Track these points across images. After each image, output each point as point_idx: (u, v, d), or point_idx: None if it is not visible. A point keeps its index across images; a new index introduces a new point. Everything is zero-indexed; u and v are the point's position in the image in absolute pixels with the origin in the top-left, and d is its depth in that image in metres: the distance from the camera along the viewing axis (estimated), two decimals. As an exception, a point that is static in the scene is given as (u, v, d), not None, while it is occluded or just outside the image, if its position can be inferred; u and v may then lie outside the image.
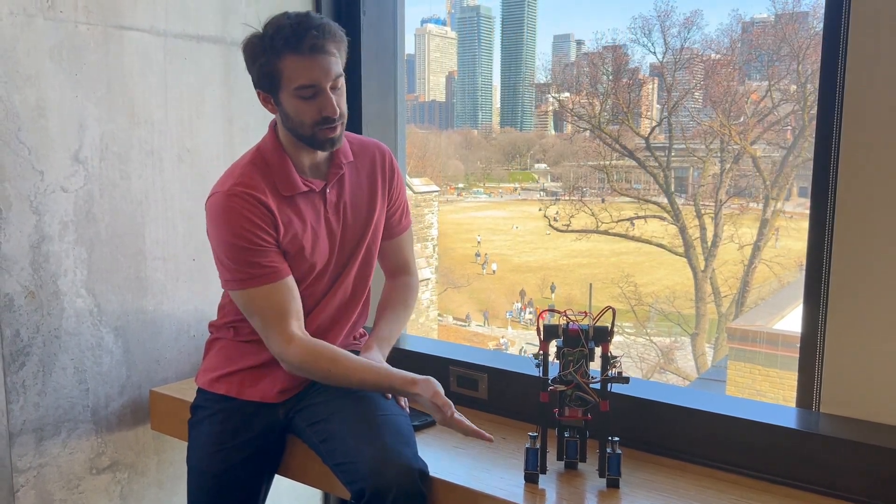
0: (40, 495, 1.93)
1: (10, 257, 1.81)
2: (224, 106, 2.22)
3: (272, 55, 1.57)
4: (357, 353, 1.78)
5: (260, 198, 1.61)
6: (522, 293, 21.26)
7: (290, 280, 1.65)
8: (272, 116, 1.75)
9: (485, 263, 23.64)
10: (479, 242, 25.06)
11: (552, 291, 21.35)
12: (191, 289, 2.18)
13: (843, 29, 1.56)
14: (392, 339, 1.86)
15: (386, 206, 1.84)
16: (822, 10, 1.62)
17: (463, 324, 21.01)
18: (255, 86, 1.65)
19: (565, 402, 1.57)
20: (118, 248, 2.02)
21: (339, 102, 1.62)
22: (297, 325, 1.64)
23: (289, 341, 1.62)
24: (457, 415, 1.55)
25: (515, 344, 18.66)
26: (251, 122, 2.27)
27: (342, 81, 1.64)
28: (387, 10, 2.49)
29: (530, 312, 20.33)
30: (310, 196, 1.70)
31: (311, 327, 1.75)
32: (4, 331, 1.82)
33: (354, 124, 2.38)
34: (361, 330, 1.93)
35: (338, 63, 1.61)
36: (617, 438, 1.55)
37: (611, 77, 17.50)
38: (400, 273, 1.95)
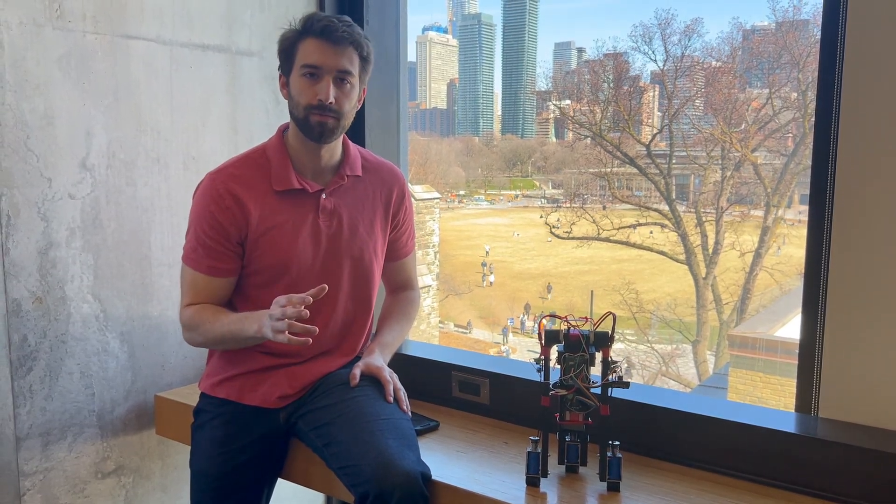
0: (46, 499, 1.95)
1: (18, 263, 1.83)
2: (229, 114, 2.24)
3: (297, 37, 1.68)
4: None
5: (235, 191, 1.69)
6: (528, 307, 21.18)
7: (226, 281, 1.75)
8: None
9: (485, 275, 23.56)
10: (487, 252, 24.91)
11: (549, 292, 21.34)
12: (195, 295, 2.20)
13: (839, 38, 1.58)
14: (394, 345, 1.88)
15: (388, 231, 1.87)
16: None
17: (464, 331, 20.99)
18: (278, 69, 1.74)
19: (566, 407, 1.59)
20: (124, 255, 2.04)
21: (340, 98, 1.67)
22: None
23: (188, 307, 1.75)
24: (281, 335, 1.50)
25: (517, 351, 18.64)
26: (255, 131, 2.29)
27: (352, 82, 1.69)
28: (389, 18, 2.52)
29: (531, 321, 20.31)
30: (302, 196, 1.73)
31: (317, 343, 1.77)
32: (12, 336, 1.84)
33: (357, 131, 2.40)
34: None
35: (350, 60, 1.67)
36: (617, 442, 1.57)
37: (612, 84, 17.52)
38: (402, 288, 1.99)
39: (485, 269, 23.85)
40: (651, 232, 16.54)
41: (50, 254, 1.89)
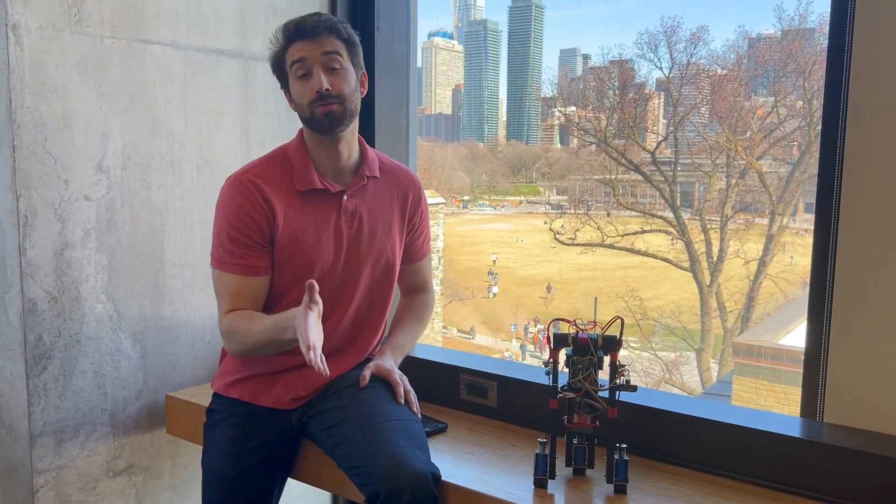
0: (59, 497, 1.97)
1: (34, 263, 1.86)
2: (242, 119, 2.27)
3: (281, 51, 1.71)
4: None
5: (263, 189, 1.69)
6: (537, 320, 21.07)
7: (265, 279, 1.73)
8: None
9: (490, 286, 23.40)
10: (494, 262, 24.75)
11: (548, 291, 21.31)
12: (207, 296, 2.22)
13: (846, 46, 1.60)
14: (406, 348, 1.90)
15: (405, 234, 1.89)
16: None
17: (467, 336, 20.99)
18: (281, 87, 1.77)
19: (574, 410, 1.61)
20: (138, 256, 2.07)
21: (335, 83, 1.67)
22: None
23: (225, 316, 1.71)
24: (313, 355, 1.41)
25: (520, 357, 18.62)
26: (268, 136, 2.32)
27: (342, 64, 1.69)
28: (400, 26, 2.56)
29: (540, 331, 20.24)
30: (324, 196, 1.75)
31: (328, 343, 1.80)
32: (28, 335, 1.87)
33: (367, 137, 2.43)
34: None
35: (331, 45, 1.68)
36: (625, 445, 1.58)
37: (617, 91, 17.56)
38: (417, 291, 2.01)
39: (491, 278, 23.69)
40: (672, 241, 16.40)
41: (65, 254, 1.92)
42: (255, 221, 1.69)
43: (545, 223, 21.66)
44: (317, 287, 1.49)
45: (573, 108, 19.81)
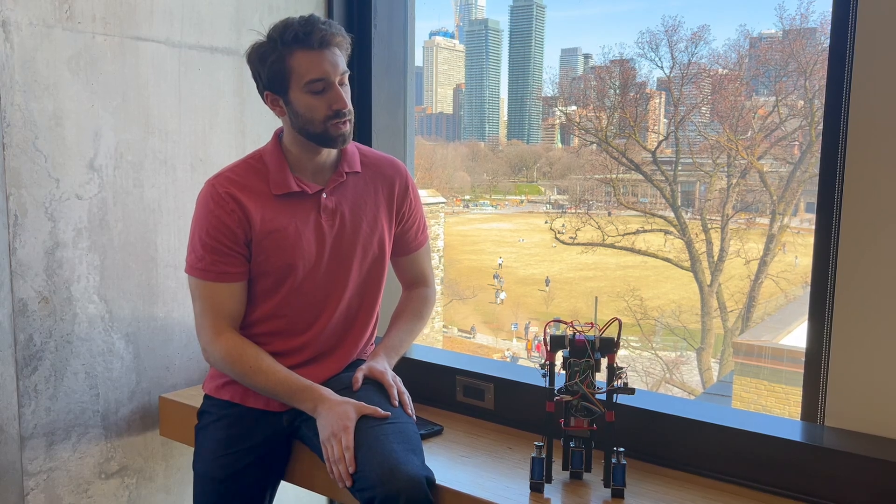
0: (50, 499, 1.95)
1: (24, 263, 1.84)
2: (236, 117, 2.25)
3: (282, 52, 1.63)
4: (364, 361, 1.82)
5: (236, 194, 1.68)
6: (530, 326, 20.98)
7: (239, 285, 1.72)
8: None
9: (497, 291, 23.20)
10: (500, 265, 24.55)
11: (547, 284, 21.28)
12: (201, 296, 2.19)
13: (848, 46, 1.58)
14: (401, 348, 1.88)
15: (394, 224, 1.86)
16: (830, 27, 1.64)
17: (468, 336, 20.96)
18: (264, 88, 1.70)
19: (571, 413, 1.58)
20: (130, 256, 2.05)
21: (346, 99, 1.67)
22: (231, 324, 1.72)
23: (219, 334, 1.70)
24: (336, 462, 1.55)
25: (520, 357, 18.61)
26: (262, 134, 2.30)
27: (347, 79, 1.69)
28: (397, 23, 2.53)
29: (535, 335, 20.19)
30: (302, 197, 1.73)
31: (318, 341, 1.78)
32: (18, 335, 1.85)
33: (364, 136, 2.41)
34: (373, 343, 1.95)
35: (343, 59, 1.67)
36: (622, 449, 1.56)
37: (618, 91, 17.52)
38: (417, 285, 1.98)
39: (497, 282, 23.46)
40: (665, 242, 16.30)
41: (56, 254, 1.90)
42: (228, 227, 1.67)
43: (546, 222, 21.61)
44: None
45: (574, 108, 19.77)
